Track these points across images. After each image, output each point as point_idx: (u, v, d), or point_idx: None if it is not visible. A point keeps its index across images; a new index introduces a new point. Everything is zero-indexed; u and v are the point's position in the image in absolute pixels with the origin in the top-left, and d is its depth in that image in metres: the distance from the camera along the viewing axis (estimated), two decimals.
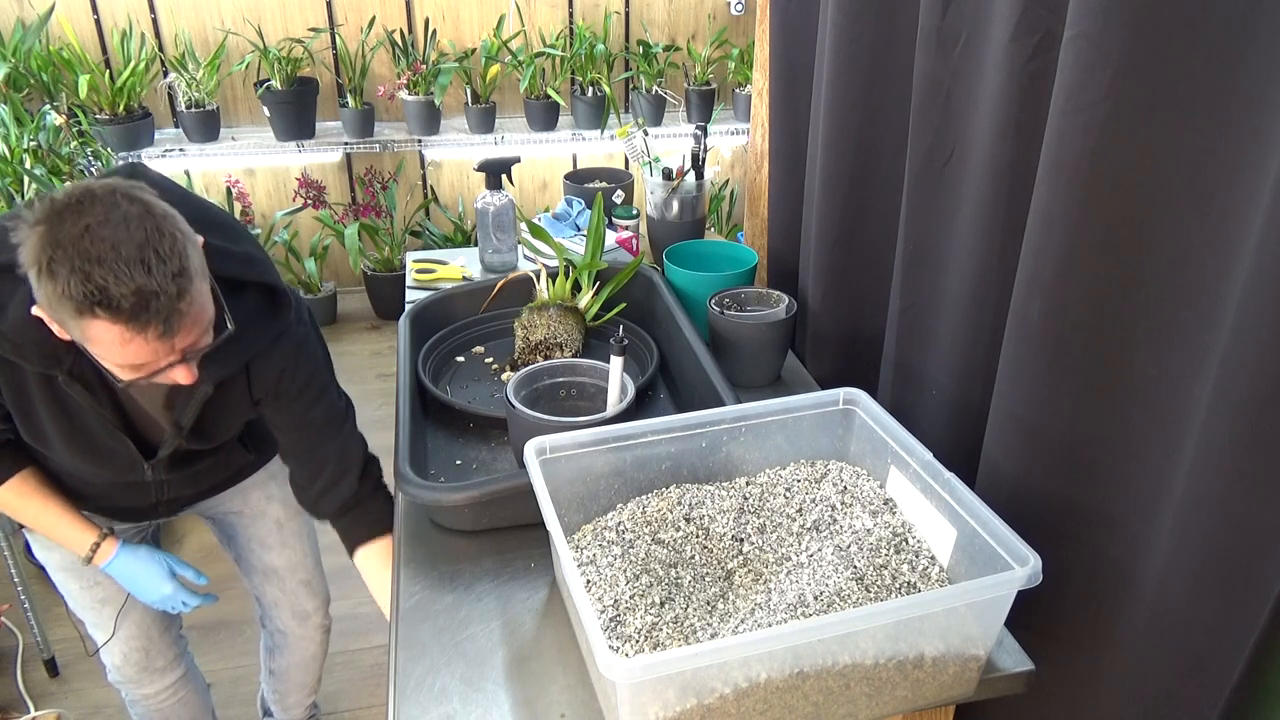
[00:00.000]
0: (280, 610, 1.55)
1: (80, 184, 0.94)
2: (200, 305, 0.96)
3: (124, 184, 0.95)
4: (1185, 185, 0.75)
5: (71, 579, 1.36)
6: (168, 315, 0.92)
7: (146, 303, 0.90)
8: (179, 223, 0.96)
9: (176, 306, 0.92)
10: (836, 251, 1.39)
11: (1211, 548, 0.76)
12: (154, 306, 0.91)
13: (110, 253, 0.89)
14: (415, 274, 1.80)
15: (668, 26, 3.63)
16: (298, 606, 1.54)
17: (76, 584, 1.36)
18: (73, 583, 1.36)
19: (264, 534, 1.47)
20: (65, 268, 0.88)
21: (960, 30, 1.01)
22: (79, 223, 0.89)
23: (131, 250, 0.90)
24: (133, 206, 0.92)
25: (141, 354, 0.94)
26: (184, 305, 0.93)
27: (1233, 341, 0.71)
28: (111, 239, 0.89)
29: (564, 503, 0.99)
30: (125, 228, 0.90)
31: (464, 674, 0.92)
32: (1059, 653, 0.96)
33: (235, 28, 3.26)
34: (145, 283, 0.89)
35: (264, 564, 1.50)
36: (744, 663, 0.77)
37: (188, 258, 0.94)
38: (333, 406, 1.24)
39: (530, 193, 3.80)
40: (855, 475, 1.04)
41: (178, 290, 0.92)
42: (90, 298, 0.88)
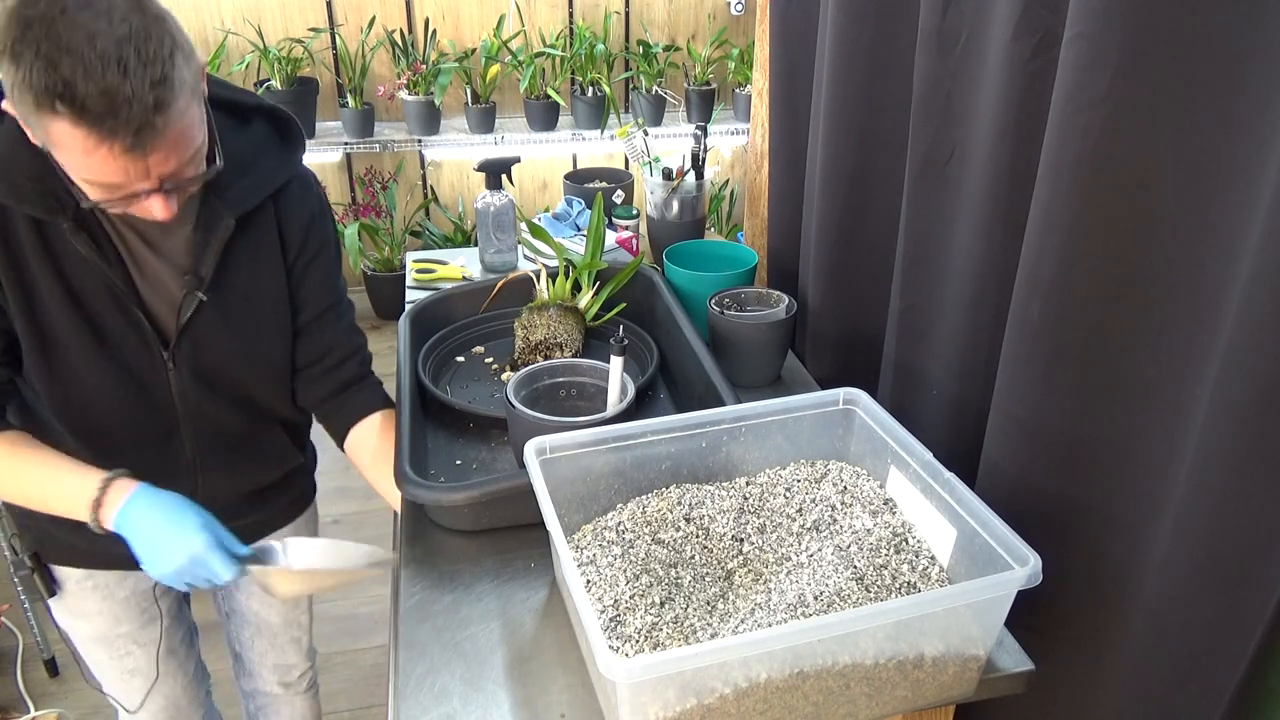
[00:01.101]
0: (264, 668, 1.46)
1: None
2: (183, 126, 0.85)
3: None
4: (1185, 185, 0.75)
5: (100, 648, 1.26)
6: (139, 127, 0.81)
7: (116, 108, 0.79)
8: (173, 27, 0.84)
9: (151, 119, 0.81)
10: (836, 251, 1.39)
11: (1212, 548, 0.76)
12: (124, 114, 0.80)
13: (84, 42, 0.78)
14: (415, 274, 1.80)
15: (668, 26, 3.64)
16: (282, 662, 1.46)
17: (105, 653, 1.26)
18: (101, 652, 1.26)
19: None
20: (30, 51, 0.77)
21: (960, 30, 1.01)
22: (54, 4, 0.78)
23: (109, 44, 0.78)
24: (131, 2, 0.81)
25: (109, 169, 0.84)
26: (160, 120, 0.82)
27: (1233, 342, 0.71)
28: (88, 27, 0.78)
29: (564, 503, 0.99)
30: (108, 18, 0.79)
31: (464, 674, 0.92)
32: (1059, 653, 0.96)
33: (235, 28, 3.26)
34: (118, 84, 0.79)
35: (259, 618, 1.41)
36: (744, 663, 0.77)
37: (174, 66, 0.82)
38: (344, 285, 1.19)
39: (530, 193, 3.80)
40: (855, 475, 1.04)
41: (155, 101, 0.81)
42: (52, 90, 0.78)
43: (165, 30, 0.83)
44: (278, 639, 1.43)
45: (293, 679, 1.49)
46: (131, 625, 1.25)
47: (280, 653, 1.45)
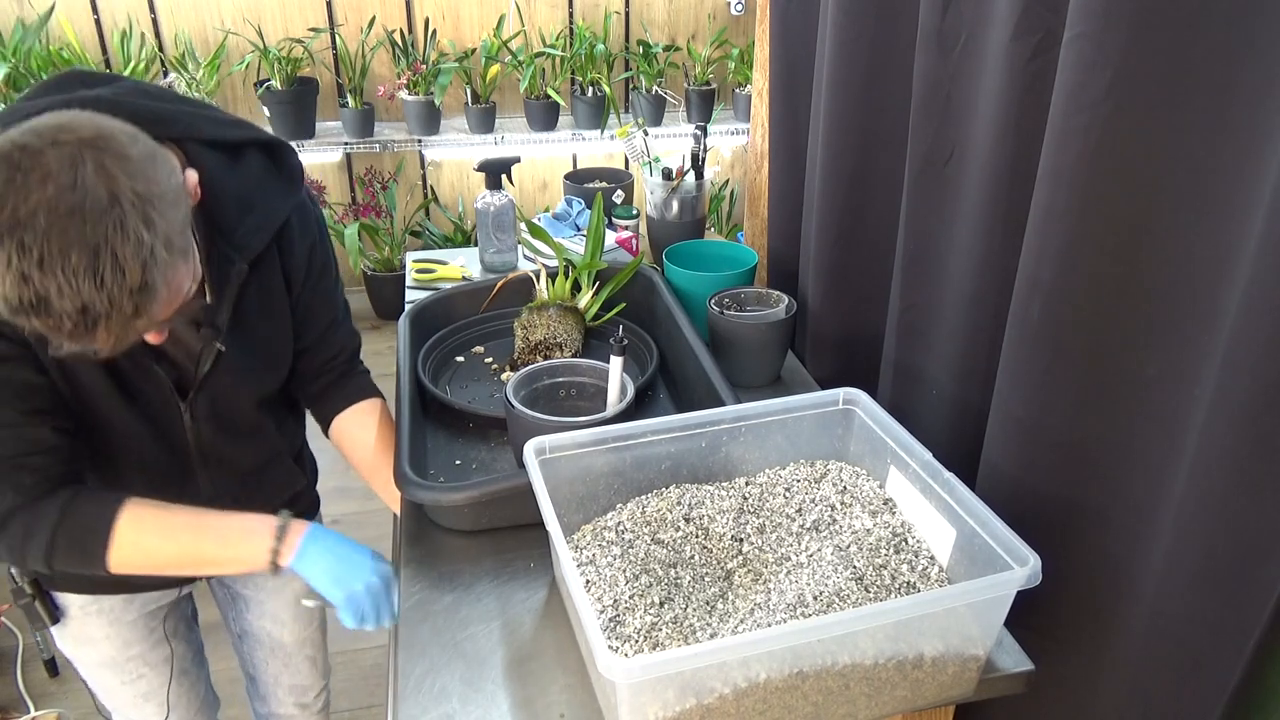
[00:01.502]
0: (279, 688, 1.44)
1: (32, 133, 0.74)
2: (169, 299, 0.81)
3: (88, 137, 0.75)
4: (1186, 185, 0.75)
5: (110, 673, 1.22)
6: (120, 334, 0.78)
7: (93, 323, 0.75)
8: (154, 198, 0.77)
9: (132, 324, 0.78)
10: (836, 251, 1.39)
11: (1212, 547, 0.76)
12: (103, 326, 0.76)
13: (56, 256, 0.72)
14: (415, 274, 1.80)
15: (668, 26, 3.63)
16: (297, 682, 1.44)
17: (116, 678, 1.23)
18: (111, 677, 1.23)
19: (279, 609, 1.36)
20: (1, 261, 0.72)
21: (960, 30, 1.01)
22: (25, 201, 0.72)
23: (83, 255, 0.73)
24: (98, 183, 0.74)
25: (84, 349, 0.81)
26: (142, 322, 0.79)
27: (1233, 342, 0.71)
28: (61, 238, 0.72)
29: (563, 503, 0.99)
30: (81, 220, 0.73)
31: (463, 674, 0.92)
32: (1059, 653, 0.96)
33: (235, 28, 3.26)
34: (94, 300, 0.74)
35: (272, 639, 1.39)
36: (743, 663, 0.77)
37: (155, 262, 0.77)
38: (341, 291, 1.19)
39: (530, 193, 3.80)
40: (855, 475, 1.04)
41: (134, 308, 0.77)
42: (26, 305, 0.74)
43: (144, 213, 0.76)
44: (292, 659, 1.41)
45: (309, 700, 1.47)
46: (142, 646, 1.23)
47: (295, 673, 1.43)
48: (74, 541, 0.96)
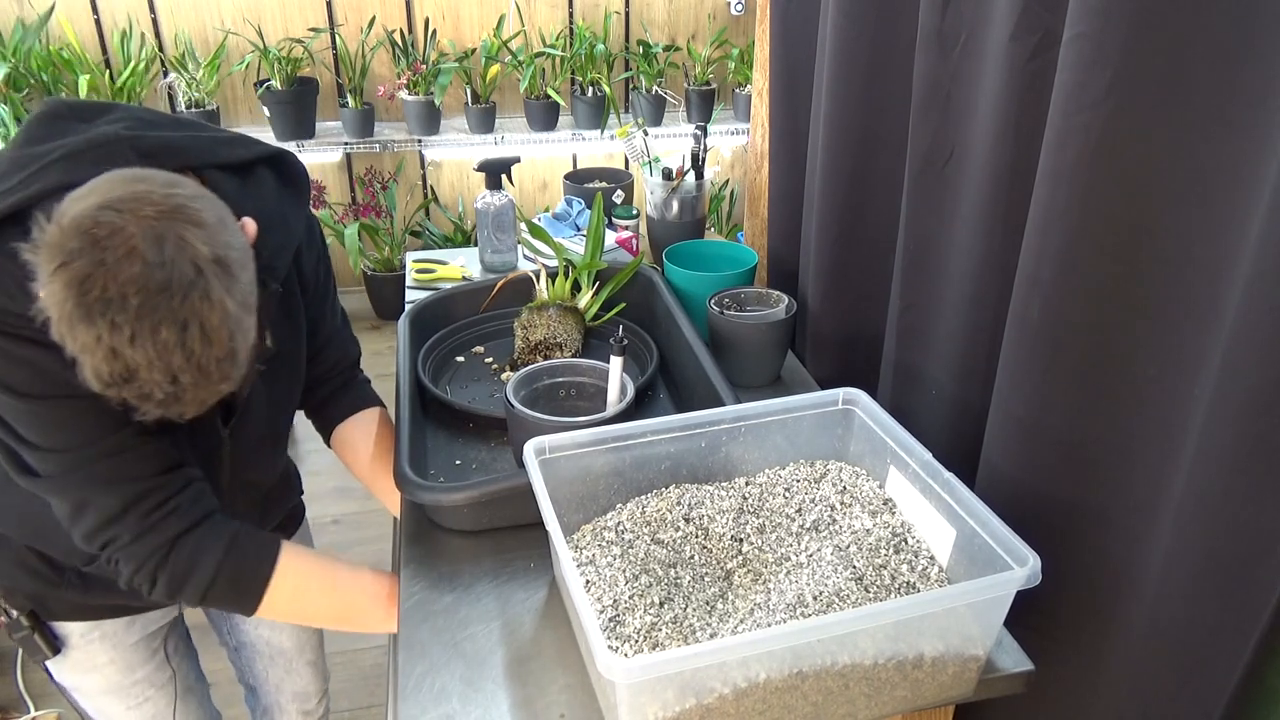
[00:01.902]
0: (282, 696, 1.43)
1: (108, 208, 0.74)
2: (244, 368, 0.82)
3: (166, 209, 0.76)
4: (1185, 185, 0.75)
5: (116, 700, 1.20)
6: (204, 399, 0.80)
7: (182, 392, 0.77)
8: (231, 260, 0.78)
9: (216, 389, 0.80)
10: (836, 251, 1.39)
11: (1212, 547, 0.76)
12: (189, 395, 0.78)
13: (148, 334, 0.73)
14: (415, 274, 1.80)
15: (668, 26, 3.63)
16: (300, 689, 1.43)
17: (121, 705, 1.21)
18: (116, 705, 1.20)
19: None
20: (90, 337, 0.73)
21: (960, 30, 1.01)
22: (114, 280, 0.73)
23: (172, 331, 0.74)
24: (181, 256, 0.75)
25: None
26: (226, 386, 0.80)
27: (1233, 342, 0.71)
28: (151, 315, 0.73)
29: (563, 503, 0.99)
30: (168, 295, 0.74)
31: (463, 674, 0.92)
32: (1059, 653, 0.96)
33: (235, 28, 3.26)
34: (183, 370, 0.76)
35: (272, 647, 1.38)
36: (743, 663, 0.77)
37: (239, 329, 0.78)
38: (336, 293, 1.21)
39: (530, 193, 3.80)
40: (855, 475, 1.04)
41: (220, 375, 0.79)
42: (118, 380, 0.75)
43: (225, 280, 0.77)
44: (293, 664, 1.41)
45: (311, 706, 1.47)
46: (146, 669, 1.21)
47: (297, 678, 1.42)
48: (234, 581, 0.97)
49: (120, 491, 0.92)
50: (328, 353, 1.20)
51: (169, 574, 0.94)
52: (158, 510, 0.93)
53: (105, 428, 0.90)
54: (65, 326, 0.74)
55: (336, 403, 1.24)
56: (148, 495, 0.93)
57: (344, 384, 1.25)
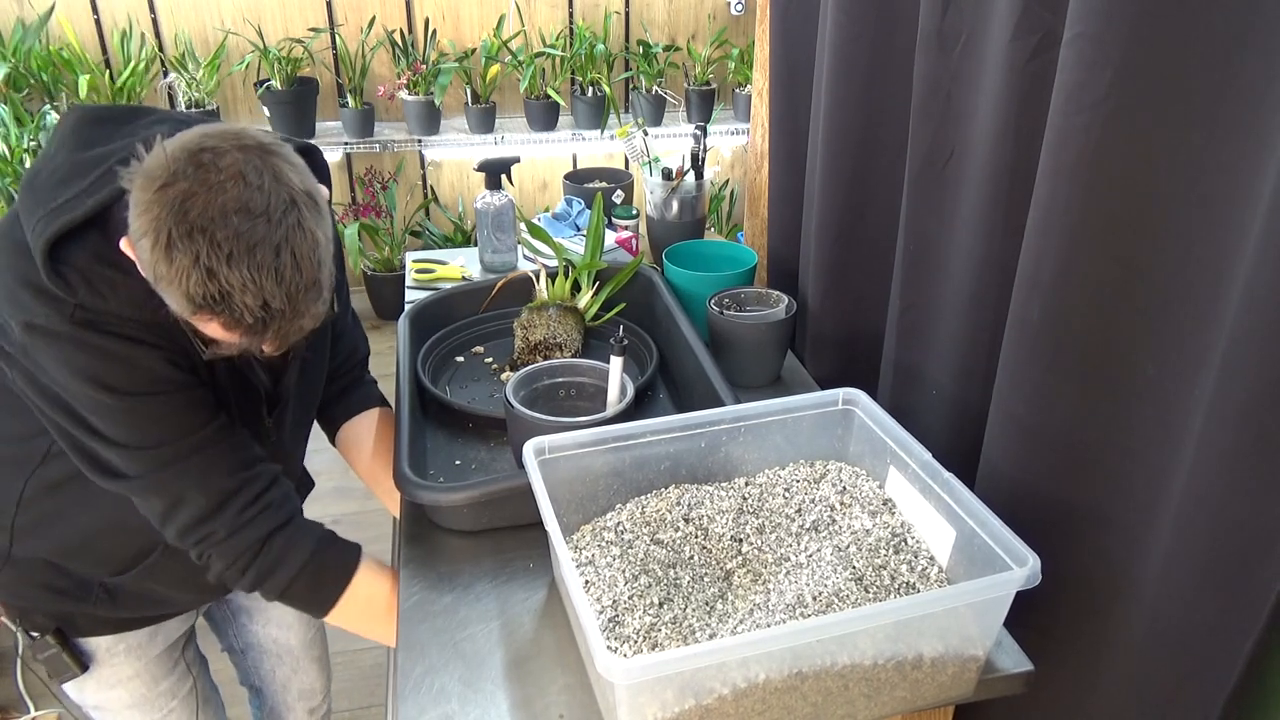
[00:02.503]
0: (289, 694, 1.43)
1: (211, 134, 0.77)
2: (325, 306, 0.83)
3: (265, 143, 0.79)
4: (1186, 185, 0.75)
5: (140, 714, 1.19)
6: (287, 331, 0.81)
7: (269, 320, 0.78)
8: (316, 198, 0.81)
9: (299, 323, 0.81)
10: (836, 251, 1.39)
11: (1212, 548, 0.76)
12: (277, 324, 0.79)
13: (244, 254, 0.74)
14: (415, 274, 1.80)
15: (668, 26, 3.63)
16: (306, 686, 1.44)
17: (144, 718, 1.20)
18: (139, 718, 1.19)
19: (283, 613, 1.36)
20: (187, 257, 0.74)
21: (960, 30, 1.01)
22: (215, 201, 0.74)
23: (268, 253, 0.75)
24: (279, 185, 0.77)
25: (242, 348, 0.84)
26: (309, 321, 0.81)
27: (1233, 341, 0.71)
28: (249, 236, 0.74)
29: (563, 503, 0.99)
30: (266, 220, 0.75)
31: (463, 674, 0.92)
32: (1058, 653, 0.96)
33: (235, 28, 3.26)
34: (274, 295, 0.77)
35: (279, 645, 1.39)
36: (743, 663, 0.77)
37: (324, 262, 0.80)
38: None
39: (530, 193, 3.80)
40: (854, 475, 1.04)
41: (306, 307, 0.80)
42: (210, 302, 0.75)
43: (314, 213, 0.80)
44: (300, 661, 1.41)
45: (317, 703, 1.47)
46: (169, 680, 1.21)
47: (304, 675, 1.43)
48: (315, 583, 1.00)
49: (211, 488, 0.94)
50: (339, 347, 1.22)
51: (257, 569, 0.97)
52: (251, 506, 0.96)
53: (194, 424, 0.92)
54: (161, 249, 0.74)
55: (342, 401, 1.25)
56: (240, 491, 0.95)
57: (351, 383, 1.26)
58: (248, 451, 0.98)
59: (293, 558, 0.99)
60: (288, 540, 0.99)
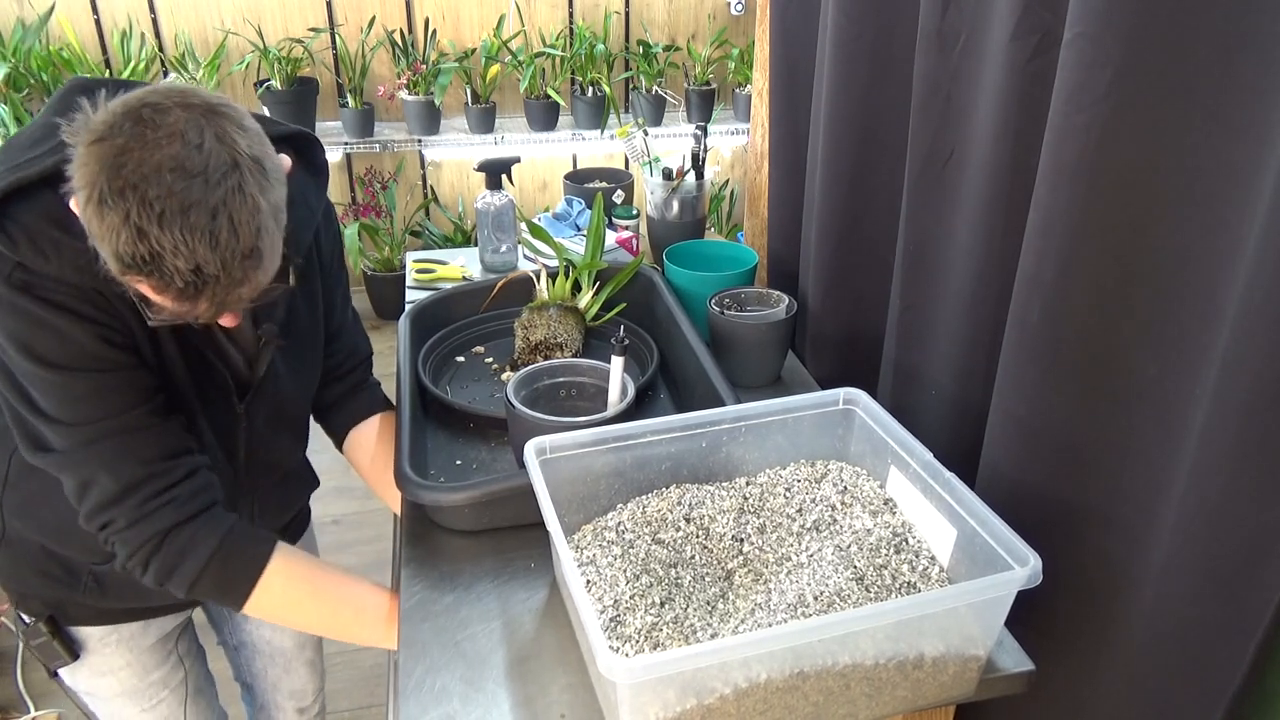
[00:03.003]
0: (278, 694, 1.43)
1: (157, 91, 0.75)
2: (269, 270, 0.81)
3: (213, 104, 0.76)
4: (1185, 185, 0.75)
5: (130, 702, 1.19)
6: (223, 299, 0.78)
7: (202, 284, 0.76)
8: (266, 167, 0.79)
9: (237, 291, 0.78)
10: (836, 251, 1.39)
11: (1212, 548, 0.76)
12: (209, 290, 0.77)
13: (177, 215, 0.72)
14: (415, 274, 1.80)
15: (668, 26, 3.64)
16: (296, 687, 1.43)
17: (136, 707, 1.20)
18: (130, 707, 1.20)
19: None
20: (118, 215, 0.72)
21: (960, 30, 1.01)
22: (150, 158, 0.72)
23: (202, 216, 0.73)
24: (221, 146, 0.75)
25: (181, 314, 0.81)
26: (247, 290, 0.79)
27: (1233, 341, 0.71)
28: (183, 196, 0.72)
29: (564, 503, 0.99)
30: (204, 181, 0.73)
31: (464, 674, 0.92)
32: (1059, 653, 0.96)
33: (235, 28, 3.26)
34: (206, 260, 0.74)
35: (272, 646, 1.38)
36: (744, 663, 0.77)
37: (265, 231, 0.78)
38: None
39: (530, 193, 3.80)
40: (855, 475, 1.04)
41: (243, 275, 0.77)
42: (140, 263, 0.73)
43: (259, 180, 0.77)
44: (292, 664, 1.40)
45: (307, 704, 1.47)
46: (161, 671, 1.22)
47: (294, 678, 1.42)
48: (221, 577, 0.97)
49: (121, 474, 0.92)
50: (337, 344, 1.21)
51: (159, 563, 0.94)
52: (155, 499, 0.93)
53: (119, 406, 0.90)
54: (94, 206, 0.73)
55: (347, 408, 1.24)
56: (147, 482, 0.93)
57: (355, 386, 1.25)
58: (173, 441, 0.95)
59: (197, 552, 0.95)
60: (192, 535, 0.95)
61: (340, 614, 1.05)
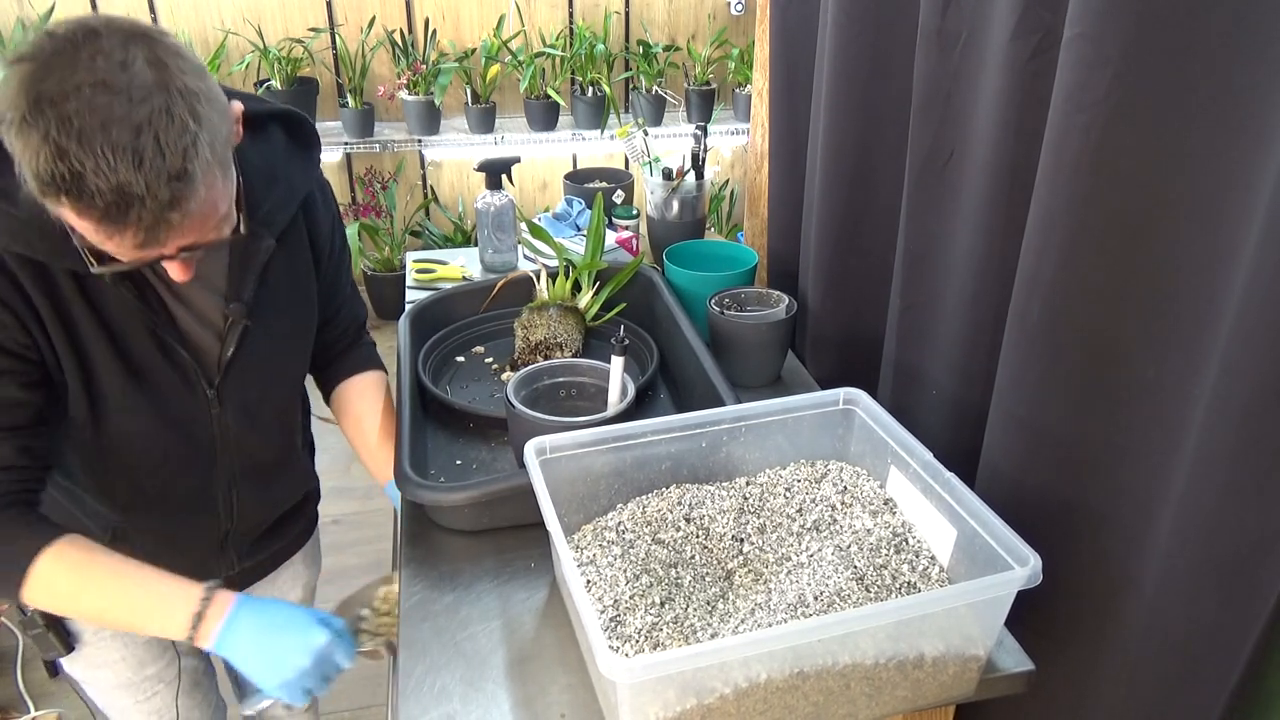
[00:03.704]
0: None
1: (91, 18, 0.73)
2: (205, 208, 0.78)
3: (145, 30, 0.74)
4: (1185, 185, 0.75)
5: (124, 694, 1.19)
6: (152, 224, 0.74)
7: (127, 205, 0.72)
8: (202, 96, 0.76)
9: (166, 216, 0.74)
10: (836, 251, 1.39)
11: (1212, 547, 0.76)
12: (135, 212, 0.73)
13: (97, 130, 0.70)
14: (415, 274, 1.80)
15: (668, 26, 3.64)
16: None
17: (130, 699, 1.20)
18: (125, 698, 1.20)
19: None
20: (38, 133, 0.70)
21: (960, 30, 1.01)
22: (71, 76, 0.70)
23: (124, 133, 0.70)
24: (147, 69, 0.72)
25: (120, 251, 0.78)
26: (176, 216, 0.75)
27: (1233, 342, 0.71)
28: (104, 112, 0.70)
29: (564, 503, 0.99)
30: (127, 99, 0.71)
31: (464, 674, 0.92)
32: (1059, 653, 0.96)
33: (235, 28, 3.26)
34: (130, 180, 0.71)
35: None
36: (744, 663, 0.77)
37: (196, 153, 0.74)
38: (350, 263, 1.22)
39: (530, 193, 3.80)
40: (855, 475, 1.04)
41: (171, 197, 0.74)
42: (58, 182, 0.71)
43: (189, 105, 0.74)
44: None
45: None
46: (156, 666, 1.21)
47: None
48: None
49: None
50: (340, 317, 1.23)
51: None
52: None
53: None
54: (15, 126, 0.71)
55: (340, 363, 1.26)
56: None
57: (350, 345, 1.27)
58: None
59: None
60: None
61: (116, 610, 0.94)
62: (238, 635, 0.93)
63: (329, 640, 0.97)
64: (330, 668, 0.99)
